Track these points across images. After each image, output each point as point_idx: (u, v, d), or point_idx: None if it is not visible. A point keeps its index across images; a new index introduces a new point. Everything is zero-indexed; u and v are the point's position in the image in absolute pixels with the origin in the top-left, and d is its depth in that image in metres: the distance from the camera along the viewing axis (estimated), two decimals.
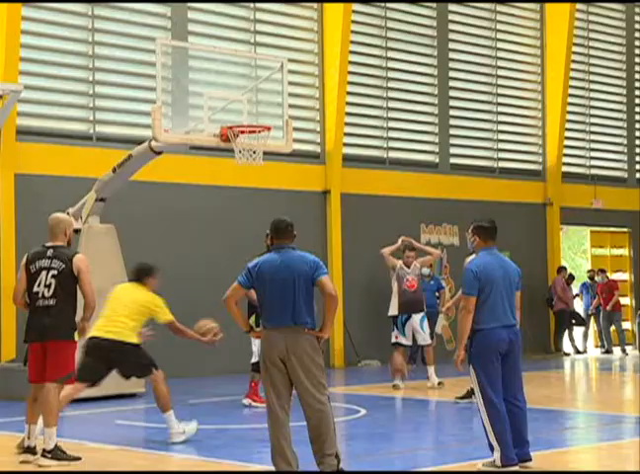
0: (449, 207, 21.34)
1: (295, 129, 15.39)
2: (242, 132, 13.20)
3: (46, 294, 9.06)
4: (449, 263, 21.28)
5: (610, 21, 25.29)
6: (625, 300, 24.45)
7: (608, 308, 22.47)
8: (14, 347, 15.59)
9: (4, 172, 15.83)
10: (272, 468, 7.83)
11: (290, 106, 14.71)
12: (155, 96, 13.26)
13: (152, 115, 12.80)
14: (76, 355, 9.16)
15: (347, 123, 19.99)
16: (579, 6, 23.94)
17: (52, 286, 9.05)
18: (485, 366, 8.22)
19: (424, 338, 14.96)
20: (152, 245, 16.91)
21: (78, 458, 9.00)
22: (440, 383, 14.75)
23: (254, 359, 12.49)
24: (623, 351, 22.50)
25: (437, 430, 11.36)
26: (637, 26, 25.91)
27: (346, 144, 20.02)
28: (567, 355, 22.14)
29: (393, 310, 14.98)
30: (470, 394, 11.80)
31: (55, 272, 9.06)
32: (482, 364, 8.23)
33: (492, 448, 8.18)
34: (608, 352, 22.67)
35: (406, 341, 14.87)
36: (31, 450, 9.08)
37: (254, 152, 13.19)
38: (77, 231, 13.85)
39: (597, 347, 23.67)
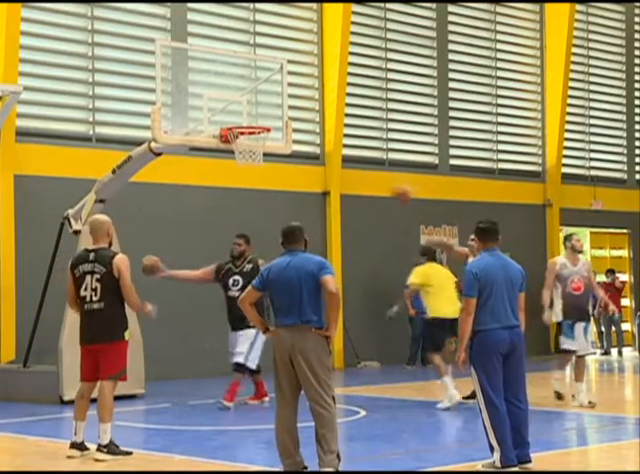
0: (449, 209, 21.32)
1: (295, 131, 15.39)
2: (242, 134, 13.19)
3: (94, 298, 9.26)
4: (449, 264, 21.23)
5: (610, 21, 25.30)
6: (625, 302, 24.47)
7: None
8: (14, 348, 15.59)
9: (3, 173, 15.83)
10: (271, 468, 7.82)
11: (290, 107, 14.70)
12: (155, 97, 13.23)
13: (152, 116, 12.79)
14: (127, 353, 9.35)
15: (346, 125, 19.98)
16: (578, 7, 23.95)
17: (98, 290, 9.24)
18: (486, 367, 8.22)
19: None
20: (152, 246, 16.85)
21: (129, 453, 9.21)
22: (590, 402, 12.56)
23: (239, 359, 12.83)
24: (619, 352, 22.55)
25: (436, 430, 11.33)
26: (637, 26, 25.92)
27: (345, 145, 20.02)
28: None
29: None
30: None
31: (99, 276, 9.25)
32: (483, 365, 8.23)
33: (492, 449, 8.18)
34: (607, 353, 22.69)
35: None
36: (77, 446, 9.28)
37: (254, 153, 13.20)
38: (77, 232, 13.87)
39: (596, 348, 23.68)
